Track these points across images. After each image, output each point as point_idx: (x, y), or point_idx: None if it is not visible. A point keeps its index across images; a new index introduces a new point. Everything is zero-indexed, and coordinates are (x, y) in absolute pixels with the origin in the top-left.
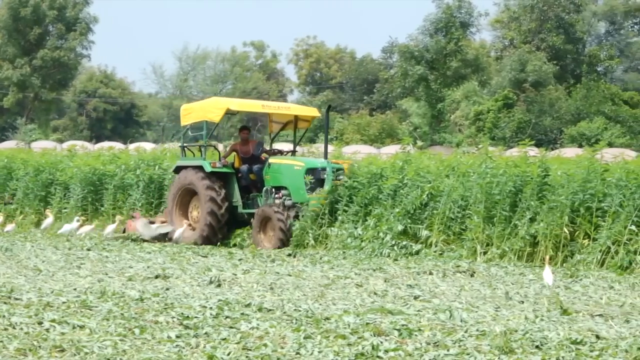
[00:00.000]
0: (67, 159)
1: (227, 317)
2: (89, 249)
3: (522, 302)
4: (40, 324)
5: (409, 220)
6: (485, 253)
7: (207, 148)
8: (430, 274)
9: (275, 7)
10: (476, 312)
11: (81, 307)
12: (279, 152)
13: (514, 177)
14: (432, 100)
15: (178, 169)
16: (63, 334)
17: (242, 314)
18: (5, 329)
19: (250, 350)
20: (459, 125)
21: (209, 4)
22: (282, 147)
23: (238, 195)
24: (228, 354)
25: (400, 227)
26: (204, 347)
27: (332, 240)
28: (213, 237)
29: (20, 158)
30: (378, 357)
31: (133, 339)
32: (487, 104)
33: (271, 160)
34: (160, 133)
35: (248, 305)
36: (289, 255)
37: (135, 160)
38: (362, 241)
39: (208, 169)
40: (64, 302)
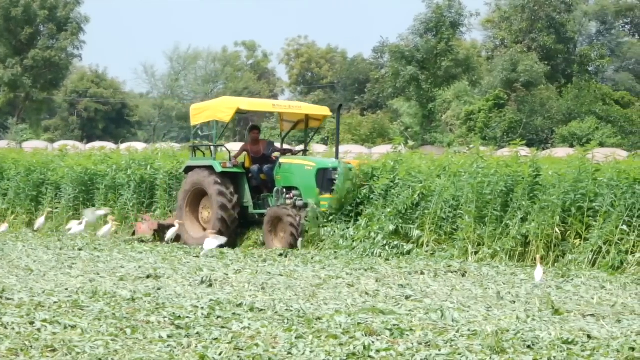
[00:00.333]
0: (59, 159)
1: (219, 317)
2: (80, 249)
3: (514, 302)
4: (31, 324)
5: (401, 220)
6: (476, 253)
7: (217, 148)
8: (422, 273)
9: (266, 7)
10: (468, 312)
11: (73, 307)
12: (290, 152)
13: (505, 177)
14: (423, 100)
15: (188, 169)
16: (55, 334)
17: (234, 314)
18: None
19: (241, 350)
20: (450, 125)
21: (200, 4)
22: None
23: (249, 196)
24: (219, 354)
25: (392, 227)
26: (196, 347)
27: (324, 240)
28: (226, 231)
29: (12, 158)
30: (369, 357)
31: (124, 339)
32: (478, 104)
33: (282, 160)
34: (152, 133)
35: (240, 305)
36: (281, 255)
37: (127, 160)
38: (353, 241)
39: (218, 169)
40: (55, 302)
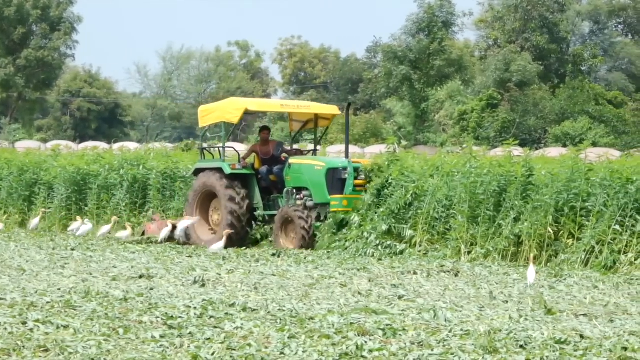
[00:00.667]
0: (51, 158)
1: (211, 317)
2: (73, 249)
3: (507, 301)
4: (24, 324)
5: (393, 220)
6: (469, 253)
7: (225, 149)
8: (415, 273)
9: (259, 7)
10: (460, 311)
11: (65, 307)
12: (299, 152)
13: (498, 176)
14: (416, 100)
15: (197, 172)
16: (47, 334)
17: (226, 313)
18: None
19: (234, 350)
20: (443, 125)
21: (193, 4)
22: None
23: (259, 197)
24: (212, 354)
25: (385, 227)
26: (188, 347)
27: (318, 239)
28: (235, 237)
29: (4, 158)
30: (362, 357)
31: (117, 339)
32: (471, 104)
33: (291, 160)
34: (145, 133)
35: (232, 305)
36: (274, 255)
37: (119, 160)
38: (346, 241)
39: (228, 170)
40: (48, 302)
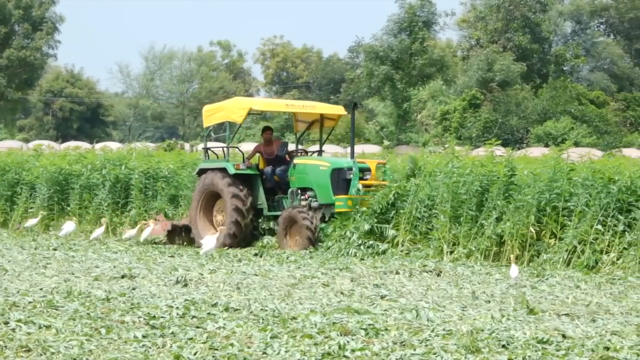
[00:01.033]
0: (33, 158)
1: (194, 316)
2: (55, 249)
3: (489, 301)
4: (6, 323)
5: (376, 220)
6: (451, 252)
7: (230, 150)
8: (397, 273)
9: (241, 7)
10: (443, 311)
11: (47, 307)
12: (304, 153)
13: (481, 176)
14: (398, 99)
15: (201, 172)
16: (29, 334)
17: (209, 313)
18: None
19: (216, 350)
20: (425, 125)
21: (175, 4)
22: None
23: (263, 198)
24: (194, 354)
25: (367, 227)
26: (171, 347)
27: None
28: (240, 234)
29: None
30: (344, 356)
31: (99, 339)
32: (454, 104)
33: (296, 160)
34: (127, 132)
35: (215, 305)
36: (256, 254)
37: (102, 160)
38: (328, 240)
39: (232, 171)
40: (30, 302)
